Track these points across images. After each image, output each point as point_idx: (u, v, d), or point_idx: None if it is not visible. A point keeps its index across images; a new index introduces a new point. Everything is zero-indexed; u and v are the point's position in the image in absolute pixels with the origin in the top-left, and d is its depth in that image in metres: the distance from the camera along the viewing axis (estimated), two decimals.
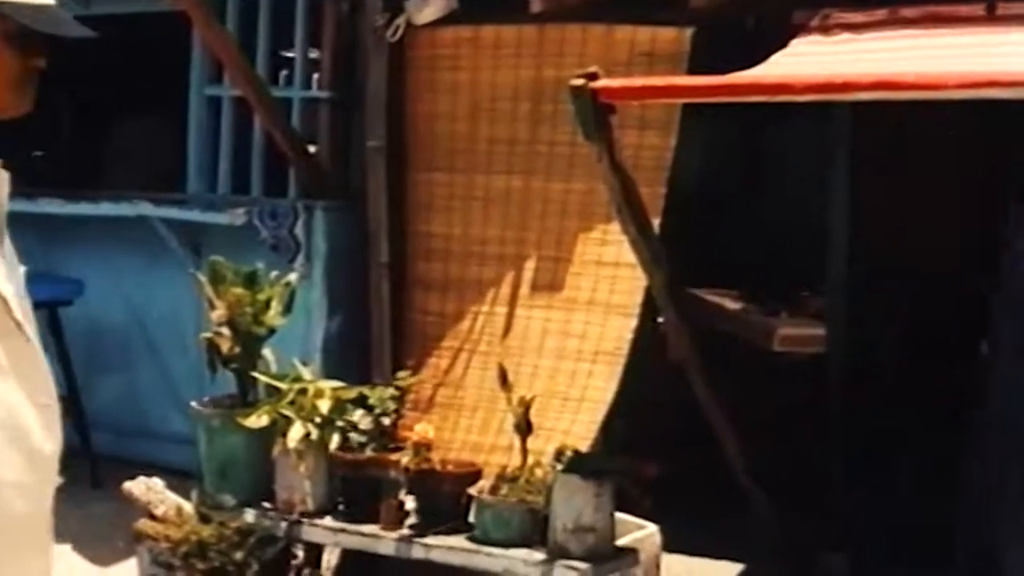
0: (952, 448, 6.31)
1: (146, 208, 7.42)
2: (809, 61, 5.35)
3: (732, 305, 7.22)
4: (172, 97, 8.01)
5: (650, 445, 5.98)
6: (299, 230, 7.07)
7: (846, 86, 4.55)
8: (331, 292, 7.09)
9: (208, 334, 5.65)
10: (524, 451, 5.42)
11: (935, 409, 6.57)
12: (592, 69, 4.83)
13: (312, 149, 7.32)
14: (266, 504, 5.70)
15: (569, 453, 5.26)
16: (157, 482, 5.88)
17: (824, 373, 6.45)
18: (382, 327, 6.75)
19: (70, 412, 7.54)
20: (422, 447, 5.38)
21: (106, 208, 7.62)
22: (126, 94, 8.82)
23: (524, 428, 5.38)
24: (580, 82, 4.75)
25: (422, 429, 5.44)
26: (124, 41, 8.16)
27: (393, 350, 6.74)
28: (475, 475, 5.51)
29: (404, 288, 6.82)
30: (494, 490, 5.35)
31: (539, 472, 5.37)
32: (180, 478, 6.33)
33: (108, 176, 8.99)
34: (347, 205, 7.07)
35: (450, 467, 5.54)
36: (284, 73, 8.10)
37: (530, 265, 6.48)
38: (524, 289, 6.49)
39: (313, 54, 7.61)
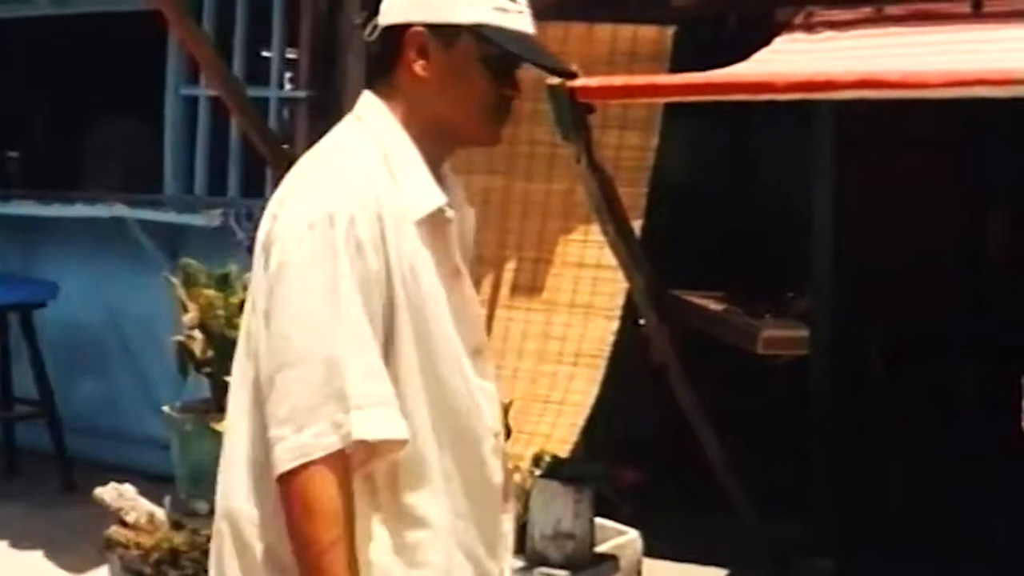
0: (940, 449, 6.26)
1: (121, 210, 7.31)
2: (792, 59, 5.27)
3: (716, 307, 7.12)
4: (149, 96, 7.90)
5: (632, 449, 5.89)
6: None
7: (828, 84, 4.47)
8: None
9: (180, 337, 5.55)
10: None
11: (922, 410, 6.52)
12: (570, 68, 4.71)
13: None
14: None
15: (547, 458, 5.17)
16: (129, 488, 5.76)
17: (809, 374, 6.35)
18: None
19: (43, 415, 7.45)
20: None
21: (81, 209, 7.50)
22: (103, 93, 8.70)
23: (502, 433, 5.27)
24: (557, 81, 4.64)
25: None
26: (101, 40, 8.10)
27: None
28: None
29: None
30: None
31: (517, 477, 5.27)
32: (157, 483, 6.22)
33: (85, 176, 8.87)
34: None
35: None
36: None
37: (510, 266, 6.39)
38: (504, 290, 6.41)
39: (292, 53, 7.50)
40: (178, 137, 7.66)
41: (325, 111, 7.01)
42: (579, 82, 4.69)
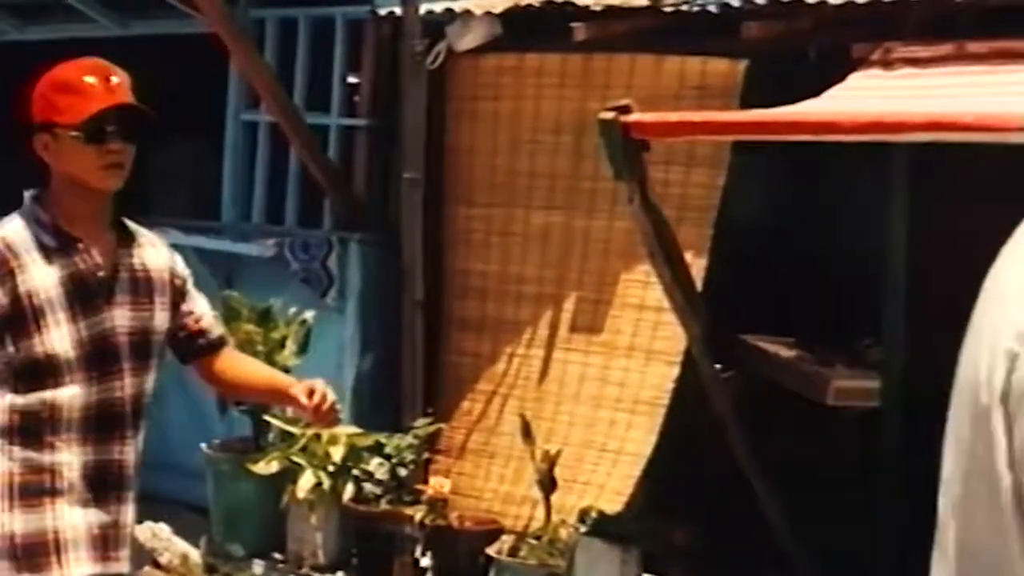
0: None
1: (175, 236, 7.10)
2: (865, 97, 4.97)
3: (786, 353, 6.79)
4: (212, 121, 7.75)
5: (688, 504, 5.61)
6: (332, 263, 6.74)
7: (898, 126, 4.18)
8: (364, 329, 6.73)
9: None
10: (548, 509, 5.08)
11: None
12: (624, 102, 4.48)
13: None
14: (276, 555, 5.42)
15: (594, 514, 4.90)
16: (163, 528, 5.59)
17: (881, 428, 6.01)
18: (414, 368, 6.43)
19: None
20: (437, 502, 5.05)
21: None
22: (167, 117, 8.55)
23: (548, 485, 5.04)
24: (610, 116, 4.40)
25: (437, 483, 5.11)
26: (165, 63, 7.95)
27: (426, 392, 6.42)
28: (494, 533, 5.18)
29: (439, 327, 6.54)
30: (514, 551, 5.01)
31: (564, 532, 5.02)
32: (203, 516, 6.03)
33: (151, 201, 8.74)
34: (384, 239, 6.72)
35: (468, 524, 5.21)
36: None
37: (569, 306, 6.17)
38: (562, 331, 6.18)
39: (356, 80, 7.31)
40: (238, 163, 7.50)
41: (386, 139, 6.84)
42: (632, 117, 4.44)
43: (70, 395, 3.15)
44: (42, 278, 3.15)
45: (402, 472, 5.25)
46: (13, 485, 3.12)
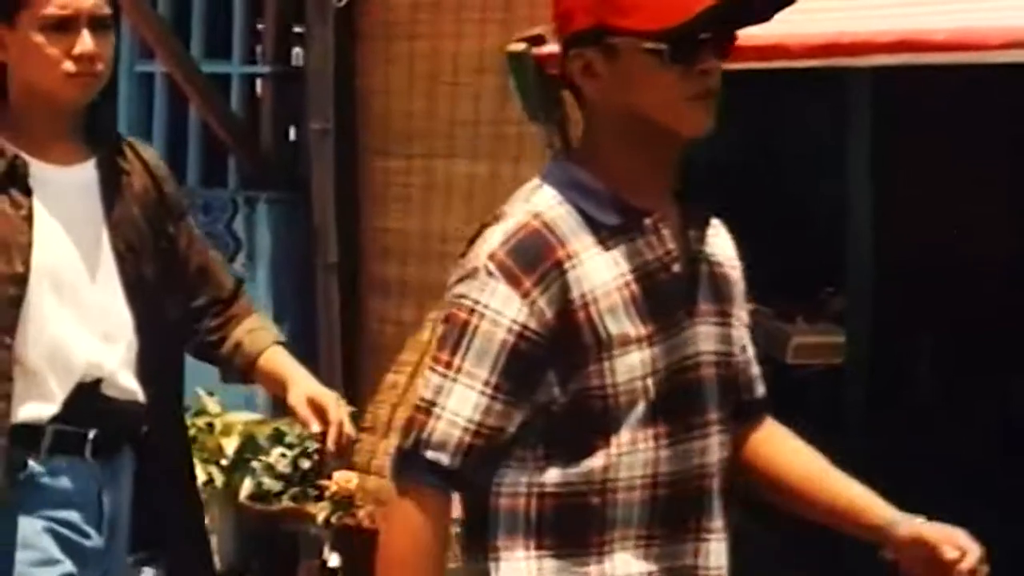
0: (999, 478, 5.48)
1: None
2: (819, 18, 4.46)
3: None
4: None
5: None
6: (239, 225, 6.37)
7: (856, 47, 3.68)
8: (277, 297, 6.41)
9: None
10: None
11: (979, 431, 5.72)
12: (536, 31, 3.89)
13: None
14: None
15: None
16: None
17: (844, 388, 5.61)
18: (331, 338, 6.20)
19: None
20: (344, 500, 4.52)
21: None
22: None
23: None
24: (520, 47, 3.81)
25: (343, 478, 4.58)
26: None
27: (345, 365, 6.16)
28: None
29: (357, 292, 6.27)
30: None
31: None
32: None
33: None
34: (295, 197, 6.47)
35: (380, 522, 4.67)
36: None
37: None
38: None
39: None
40: (133, 118, 6.94)
41: (293, 87, 6.40)
42: (548, 49, 3.86)
43: (633, 465, 2.08)
44: (602, 275, 2.11)
45: (305, 464, 4.73)
46: None
